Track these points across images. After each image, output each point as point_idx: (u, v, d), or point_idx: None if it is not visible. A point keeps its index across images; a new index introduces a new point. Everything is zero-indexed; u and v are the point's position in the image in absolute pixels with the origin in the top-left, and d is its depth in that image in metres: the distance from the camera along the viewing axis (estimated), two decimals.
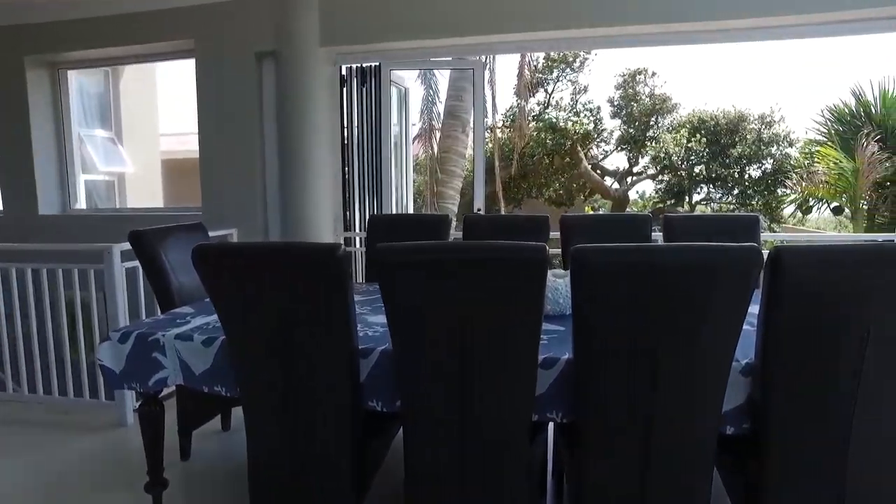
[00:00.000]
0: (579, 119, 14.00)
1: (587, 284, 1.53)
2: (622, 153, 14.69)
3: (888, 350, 1.55)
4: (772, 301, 1.55)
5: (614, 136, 14.72)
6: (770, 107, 13.16)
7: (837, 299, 1.52)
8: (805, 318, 1.55)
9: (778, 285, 1.52)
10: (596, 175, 14.04)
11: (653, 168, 13.90)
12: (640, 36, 4.14)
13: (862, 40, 5.07)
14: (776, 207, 12.92)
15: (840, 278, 1.50)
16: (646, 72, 14.60)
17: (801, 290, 1.51)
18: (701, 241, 2.98)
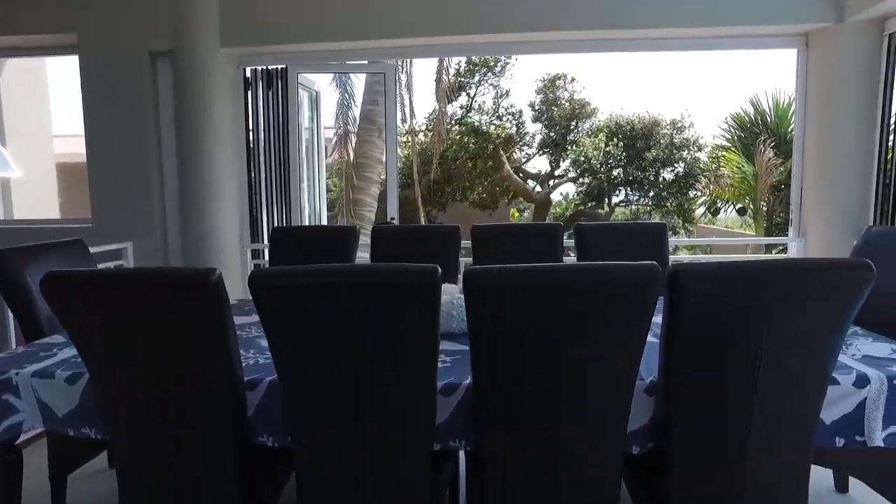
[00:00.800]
0: (502, 123, 14.15)
1: (479, 307, 1.43)
2: (544, 157, 14.97)
3: (782, 364, 1.55)
4: (671, 319, 1.51)
5: (536, 140, 14.98)
6: (681, 113, 13.82)
7: (734, 316, 1.50)
8: (703, 336, 1.52)
9: (676, 303, 1.48)
10: (518, 178, 14.22)
11: (573, 171, 14.24)
12: (555, 42, 4.15)
13: (756, 54, 5.34)
14: (689, 209, 13.56)
15: (736, 295, 1.48)
16: (565, 77, 14.95)
17: (699, 307, 1.48)
18: (612, 249, 3.01)
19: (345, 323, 1.47)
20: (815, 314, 1.52)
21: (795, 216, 4.05)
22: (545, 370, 1.50)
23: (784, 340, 1.52)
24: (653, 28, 3.83)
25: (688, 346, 1.54)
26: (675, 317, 1.50)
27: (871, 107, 3.64)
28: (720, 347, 1.54)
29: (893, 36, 3.54)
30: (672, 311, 1.50)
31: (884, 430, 1.76)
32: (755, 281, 1.47)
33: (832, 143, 3.80)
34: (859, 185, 3.68)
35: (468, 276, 1.39)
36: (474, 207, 14.21)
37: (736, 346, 1.53)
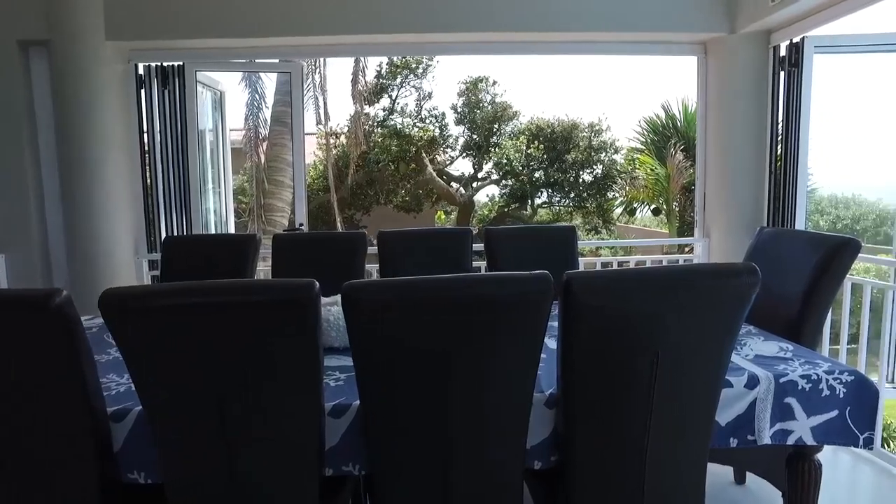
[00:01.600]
0: (425, 125, 14.10)
1: (358, 324, 1.32)
2: (467, 159, 15.05)
3: (677, 371, 1.53)
4: (566, 329, 1.47)
5: (459, 143, 15.04)
6: (598, 116, 14.25)
7: (628, 324, 1.47)
8: (599, 345, 1.49)
9: (570, 314, 1.43)
10: (441, 181, 14.21)
11: (496, 173, 14.39)
12: (470, 45, 4.10)
13: (666, 60, 5.53)
14: (607, 209, 14.02)
15: (629, 303, 1.45)
16: (487, 80, 15.10)
17: (592, 316, 1.44)
18: (521, 254, 2.99)
19: (212, 347, 1.33)
20: (707, 320, 1.51)
21: (700, 217, 4.20)
22: (435, 389, 1.41)
23: (678, 347, 1.51)
24: (564, 32, 3.86)
25: (584, 356, 1.50)
26: (570, 326, 1.46)
27: (762, 114, 3.82)
28: (616, 356, 1.51)
29: (778, 48, 3.73)
30: (566, 321, 1.45)
31: (772, 428, 1.79)
32: (647, 288, 1.44)
33: (730, 149, 3.96)
34: (754, 189, 3.85)
35: (345, 291, 1.28)
36: (399, 211, 14.09)
37: (632, 355, 1.50)
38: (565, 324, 1.46)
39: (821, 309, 2.25)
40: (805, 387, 1.78)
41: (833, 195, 12.60)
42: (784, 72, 3.68)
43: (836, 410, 1.81)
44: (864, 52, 3.83)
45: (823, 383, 1.79)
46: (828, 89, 3.84)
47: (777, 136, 3.75)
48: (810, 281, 2.20)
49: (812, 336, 2.24)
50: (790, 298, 2.26)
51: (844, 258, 2.16)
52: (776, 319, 2.31)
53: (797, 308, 2.25)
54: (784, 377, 1.77)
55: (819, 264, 2.17)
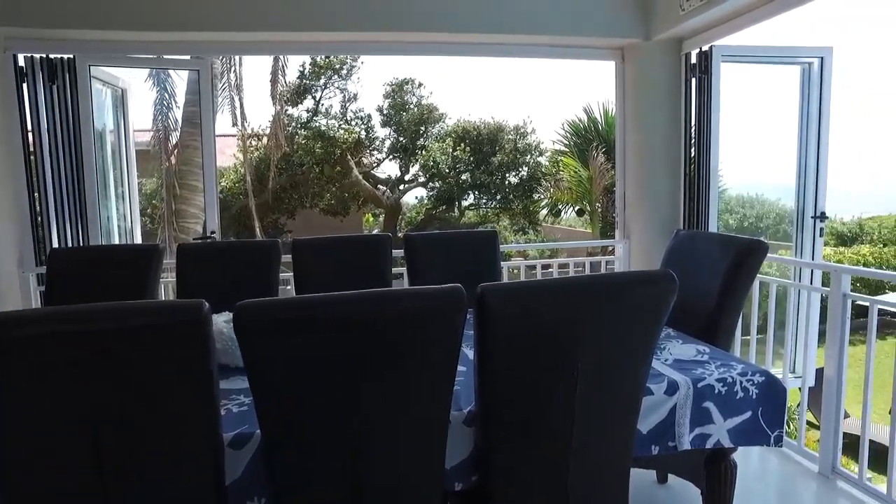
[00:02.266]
0: (350, 127, 13.85)
1: (252, 349, 1.19)
2: (394, 162, 14.92)
3: (598, 381, 1.49)
4: (482, 344, 1.39)
5: (386, 145, 14.88)
6: (523, 119, 14.49)
7: (546, 337, 1.41)
8: (517, 360, 1.42)
9: (486, 328, 1.36)
10: (367, 184, 14.01)
11: (423, 176, 14.33)
12: (392, 44, 3.99)
13: (588, 64, 5.62)
14: (533, 211, 14.27)
15: (547, 316, 1.39)
16: (413, 82, 15.03)
17: (510, 330, 1.37)
18: (442, 260, 2.91)
19: (86, 381, 1.15)
20: (626, 329, 1.48)
21: (620, 219, 4.29)
22: (342, 414, 1.30)
23: (599, 357, 1.47)
24: (486, 34, 3.82)
25: (502, 371, 1.43)
26: (486, 341, 1.38)
27: (676, 119, 3.94)
28: (535, 370, 1.45)
29: (689, 56, 3.85)
30: (482, 336, 1.37)
31: (691, 433, 1.80)
32: (565, 299, 1.39)
33: (647, 152, 4.06)
34: (671, 190, 3.97)
35: (235, 312, 1.14)
36: (325, 214, 13.76)
37: (551, 368, 1.45)
38: (481, 339, 1.38)
39: (734, 309, 2.30)
40: (721, 390, 1.79)
41: (740, 195, 13.37)
42: (695, 78, 3.80)
43: (750, 411, 1.84)
44: (763, 63, 4.02)
45: (738, 385, 1.81)
46: (735, 95, 4.00)
47: (691, 140, 3.88)
48: (723, 283, 2.25)
49: (727, 335, 2.29)
50: (706, 299, 2.30)
51: (754, 260, 2.21)
52: (693, 320, 2.34)
53: (713, 309, 2.29)
54: (702, 381, 1.78)
55: (731, 267, 2.22)
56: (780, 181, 4.43)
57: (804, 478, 2.88)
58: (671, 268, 2.69)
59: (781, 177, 4.46)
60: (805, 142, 3.89)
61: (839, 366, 2.69)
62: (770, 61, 3.90)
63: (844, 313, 2.65)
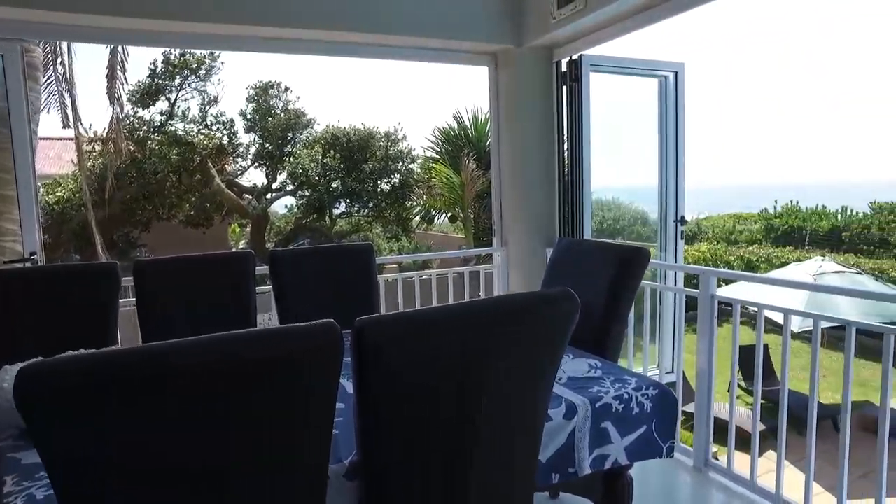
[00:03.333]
0: (211, 132, 12.88)
1: (40, 427, 0.86)
2: (260, 169, 14.12)
3: (499, 415, 1.32)
4: (361, 386, 1.16)
5: (251, 152, 14.05)
6: (394, 126, 14.35)
7: (437, 372, 1.21)
8: (406, 402, 1.20)
9: (367, 369, 1.13)
10: (231, 193, 13.11)
11: (292, 184, 13.70)
12: (250, 39, 3.59)
13: (460, 71, 5.56)
14: (406, 218, 14.17)
15: (441, 348, 1.19)
16: (278, 85, 14.35)
17: (397, 370, 1.15)
18: (313, 278, 2.63)
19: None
20: (526, 356, 1.32)
21: (497, 226, 4.24)
22: (179, 483, 1.00)
23: (501, 390, 1.30)
24: (354, 32, 3.58)
25: (388, 416, 1.21)
26: (369, 384, 1.15)
27: (549, 125, 3.97)
28: (429, 410, 1.24)
29: (560, 64, 3.90)
30: (363, 378, 1.14)
31: (590, 456, 1.70)
32: (462, 327, 1.20)
33: (522, 159, 4.05)
34: (547, 196, 3.98)
35: (16, 378, 0.82)
36: (186, 226, 12.66)
37: (448, 406, 1.25)
38: (362, 382, 1.16)
39: (622, 319, 2.27)
40: (618, 408, 1.71)
41: (599, 199, 14.30)
42: (566, 86, 3.85)
43: (645, 426, 1.78)
44: (626, 74, 4.18)
45: (634, 401, 1.74)
46: (604, 103, 4.12)
47: (564, 147, 3.92)
48: (610, 292, 2.21)
49: (616, 346, 2.25)
50: (593, 310, 2.24)
51: (638, 268, 2.19)
52: (581, 332, 2.27)
53: (600, 320, 2.24)
54: (599, 401, 1.68)
55: (616, 276, 2.19)
56: (635, 185, 4.65)
57: (680, 472, 2.96)
58: (556, 278, 2.65)
59: (636, 181, 4.67)
60: (665, 150, 4.09)
61: (710, 360, 2.80)
62: (632, 73, 4.06)
63: (713, 311, 2.77)
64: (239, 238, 16.76)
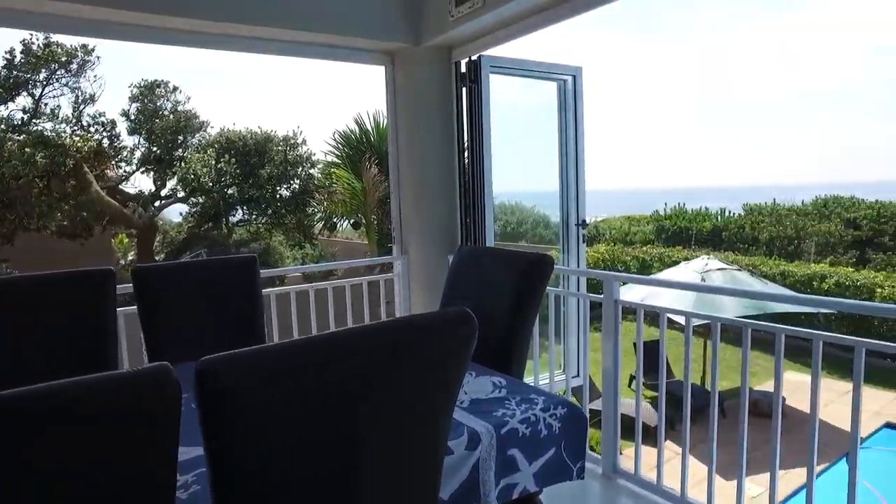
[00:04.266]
0: (87, 134, 11.74)
1: None
2: (147, 175, 13.07)
3: (388, 463, 1.12)
4: (209, 439, 0.92)
5: (136, 156, 12.97)
6: (293, 130, 13.78)
7: (316, 418, 0.99)
8: (265, 456, 0.97)
9: (211, 418, 0.89)
10: (113, 200, 12.01)
11: (183, 190, 12.79)
12: (127, 28, 3.17)
13: (359, 72, 5.31)
14: (308, 224, 13.65)
15: (313, 387, 0.97)
16: (166, 84, 13.37)
17: (248, 418, 0.92)
18: (186, 296, 2.30)
19: None
20: (422, 388, 1.13)
21: (397, 234, 4.04)
22: None
23: (390, 430, 1.10)
24: (241, 24, 3.26)
25: (242, 473, 0.97)
26: (215, 435, 0.91)
27: (449, 128, 3.82)
28: (301, 462, 1.02)
29: (459, 64, 3.78)
30: (208, 428, 0.90)
31: (497, 487, 1.54)
32: (339, 359, 0.98)
33: (421, 163, 3.89)
34: (448, 201, 3.84)
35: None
36: (60, 237, 11.41)
37: (321, 455, 1.03)
38: (207, 433, 0.91)
39: (527, 330, 2.14)
40: (525, 432, 1.56)
41: (503, 203, 14.53)
42: (466, 87, 3.73)
43: (554, 448, 1.65)
44: (526, 77, 4.13)
45: (541, 423, 1.60)
46: (504, 106, 4.04)
47: (464, 150, 3.79)
48: (513, 302, 2.07)
49: (520, 360, 2.11)
50: (496, 322, 2.10)
51: (542, 276, 2.07)
52: (484, 345, 2.13)
53: (504, 332, 2.10)
54: (505, 427, 1.53)
55: (520, 285, 2.05)
56: (538, 189, 4.62)
57: (589, 480, 2.91)
58: (457, 290, 2.49)
59: (539, 185, 4.66)
60: (565, 153, 4.08)
61: (615, 364, 2.76)
62: (532, 75, 4.01)
63: (617, 316, 2.73)
64: (127, 249, 15.43)
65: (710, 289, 5.50)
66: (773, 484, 2.17)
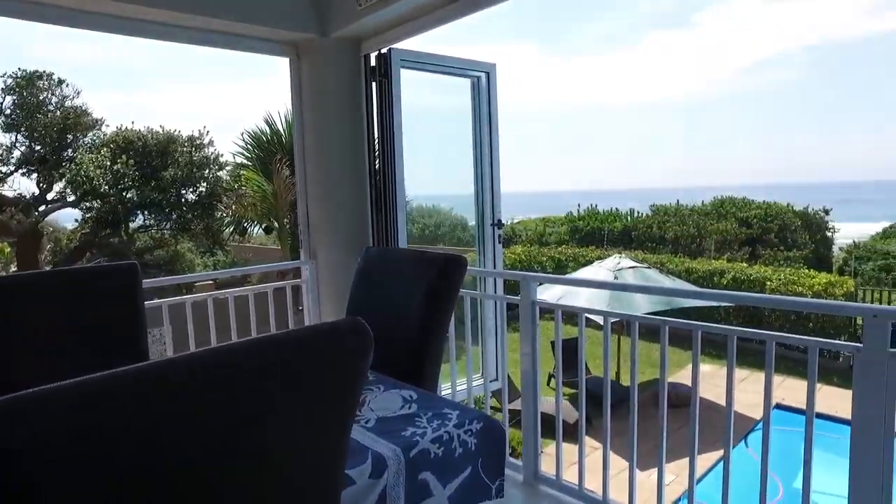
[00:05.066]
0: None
1: None
2: (29, 176, 11.89)
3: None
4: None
5: (14, 155, 11.76)
6: (198, 129, 12.99)
7: (158, 469, 0.78)
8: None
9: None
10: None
11: (73, 194, 11.73)
12: None
13: (266, 68, 4.99)
14: (217, 230, 12.91)
15: (122, 436, 0.75)
16: (50, 76, 12.22)
17: (43, 489, 0.69)
18: (46, 317, 1.97)
19: None
20: (296, 418, 0.94)
21: (304, 237, 3.78)
22: None
23: (260, 474, 0.90)
24: (144, 6, 2.91)
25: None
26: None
27: (359, 126, 3.62)
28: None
29: (368, 58, 3.58)
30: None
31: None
32: (160, 397, 0.77)
33: (329, 162, 3.66)
34: (358, 203, 3.63)
35: None
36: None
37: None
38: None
39: (439, 336, 1.99)
40: (438, 453, 1.41)
41: (420, 206, 14.44)
42: (376, 82, 3.54)
43: (470, 467, 1.50)
44: (438, 73, 3.99)
45: (455, 441, 1.45)
46: (418, 104, 3.88)
47: (375, 149, 3.60)
48: (426, 306, 1.92)
49: (434, 369, 1.96)
50: (406, 329, 1.94)
51: (456, 278, 1.93)
52: (394, 355, 1.96)
53: (415, 339, 1.94)
54: (415, 448, 1.36)
55: (432, 288, 1.90)
56: (456, 191, 4.51)
57: (511, 488, 2.81)
58: (364, 294, 2.31)
59: (457, 187, 4.55)
60: (479, 154, 3.98)
61: (534, 366, 2.68)
62: (444, 71, 3.88)
63: (534, 317, 2.65)
64: (10, 259, 13.97)
65: (624, 287, 5.63)
66: (692, 468, 2.17)
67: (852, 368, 1.73)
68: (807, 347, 1.83)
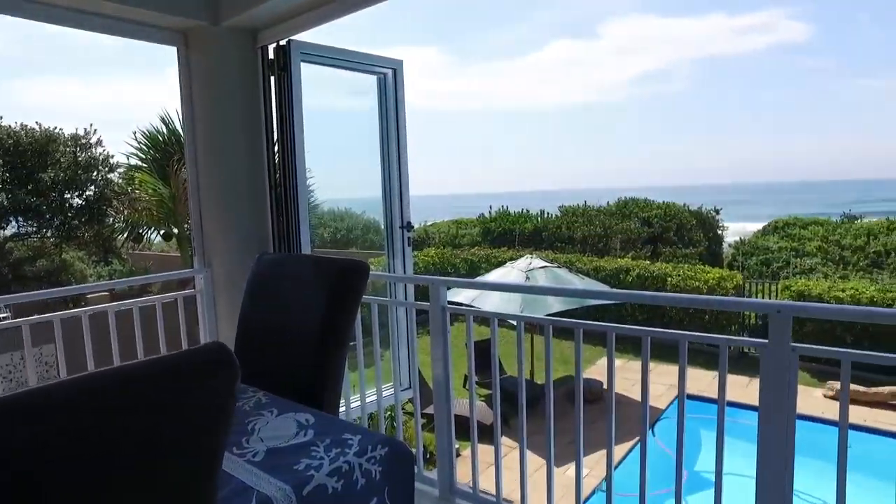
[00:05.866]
0: None
1: None
2: None
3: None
4: None
5: None
6: (85, 128, 11.94)
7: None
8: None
9: None
10: None
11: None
12: None
13: (160, 59, 4.55)
14: (109, 237, 11.92)
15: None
16: None
17: None
18: None
19: None
20: (149, 465, 0.75)
21: (198, 244, 3.46)
22: None
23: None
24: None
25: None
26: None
27: (256, 123, 3.35)
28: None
29: (266, 49, 3.33)
30: None
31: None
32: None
33: (224, 162, 3.37)
34: (257, 206, 3.36)
35: None
36: None
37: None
38: None
39: (341, 348, 1.81)
40: (337, 487, 1.24)
41: (332, 209, 14.06)
42: (274, 76, 3.29)
43: (375, 499, 1.34)
44: (342, 68, 3.79)
45: (357, 472, 1.29)
46: (322, 102, 3.66)
47: (274, 148, 3.35)
48: (325, 316, 1.73)
49: (334, 385, 1.78)
50: (303, 343, 1.75)
51: (357, 285, 1.76)
52: (290, 372, 1.76)
53: (313, 353, 1.75)
54: (308, 484, 1.19)
55: (332, 297, 1.72)
56: (367, 194, 4.32)
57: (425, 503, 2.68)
58: (256, 305, 2.09)
59: (367, 190, 4.36)
60: (387, 153, 3.82)
61: (446, 373, 2.57)
62: (349, 67, 3.68)
63: (445, 323, 2.54)
64: None
65: (530, 289, 5.64)
66: (609, 458, 2.14)
67: (759, 362, 1.74)
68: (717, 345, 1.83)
